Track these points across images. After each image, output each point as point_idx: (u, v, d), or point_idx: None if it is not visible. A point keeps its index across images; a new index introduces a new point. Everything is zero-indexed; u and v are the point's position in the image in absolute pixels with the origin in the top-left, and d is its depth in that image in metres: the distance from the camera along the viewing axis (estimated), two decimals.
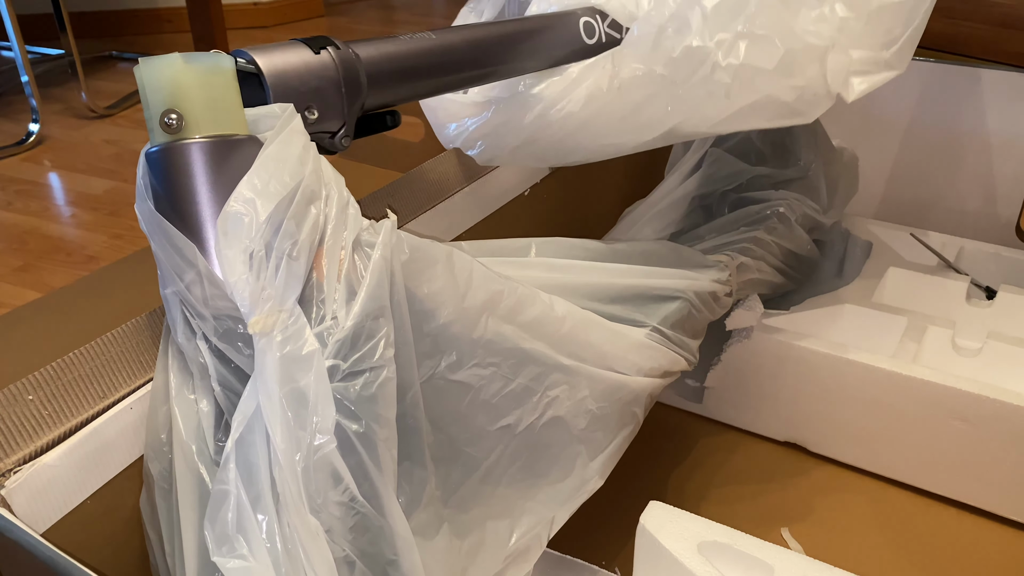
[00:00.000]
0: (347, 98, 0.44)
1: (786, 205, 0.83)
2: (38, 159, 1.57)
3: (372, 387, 0.39)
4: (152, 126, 0.39)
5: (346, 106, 0.44)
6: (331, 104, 0.44)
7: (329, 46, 0.44)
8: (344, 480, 0.38)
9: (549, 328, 0.51)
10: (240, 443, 0.37)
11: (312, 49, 0.43)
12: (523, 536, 0.52)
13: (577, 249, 0.60)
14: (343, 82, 0.44)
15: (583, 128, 0.60)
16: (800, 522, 0.73)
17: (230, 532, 0.36)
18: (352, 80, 0.44)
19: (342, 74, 0.44)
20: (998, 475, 0.72)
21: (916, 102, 1.01)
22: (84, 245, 1.27)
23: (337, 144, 0.45)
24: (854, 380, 0.74)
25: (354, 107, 0.45)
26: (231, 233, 0.37)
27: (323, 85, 0.43)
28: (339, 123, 0.44)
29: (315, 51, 0.43)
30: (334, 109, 0.44)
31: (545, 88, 0.59)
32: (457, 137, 0.65)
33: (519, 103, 0.60)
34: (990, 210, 1.01)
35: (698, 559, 0.53)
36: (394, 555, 0.41)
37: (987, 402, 0.69)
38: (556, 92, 0.58)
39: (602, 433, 0.56)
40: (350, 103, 0.44)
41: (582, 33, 0.58)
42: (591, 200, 0.91)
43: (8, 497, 0.39)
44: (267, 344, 0.37)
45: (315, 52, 0.43)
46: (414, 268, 0.43)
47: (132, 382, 0.44)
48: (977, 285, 0.91)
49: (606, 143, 0.61)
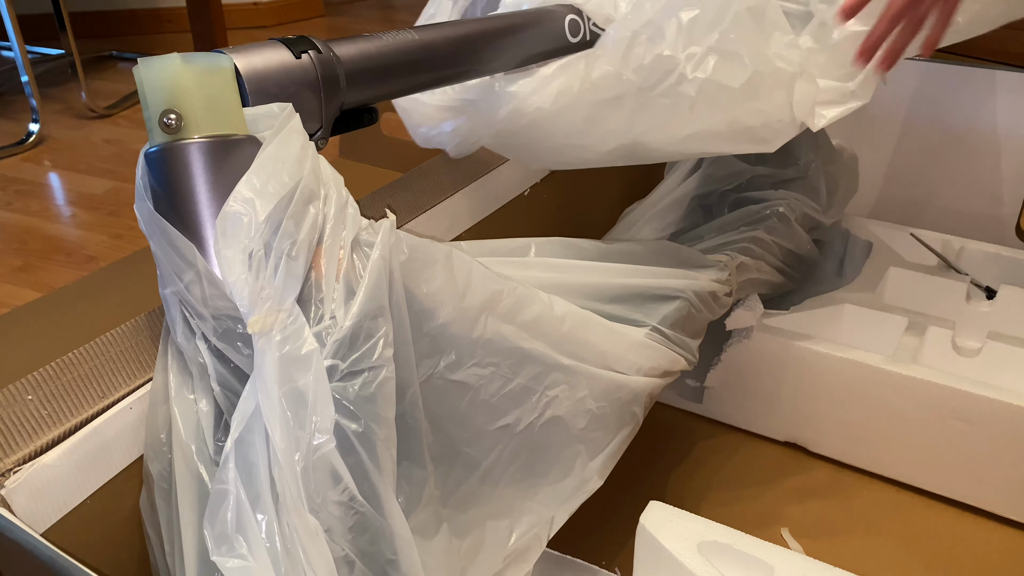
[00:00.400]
0: (325, 102, 0.44)
1: (786, 205, 0.83)
2: (38, 159, 1.57)
3: (371, 387, 0.39)
4: (151, 126, 0.39)
5: (324, 109, 0.44)
6: (309, 108, 0.43)
7: (310, 50, 0.43)
8: (343, 480, 0.38)
9: (548, 328, 0.51)
10: (239, 443, 0.37)
11: (293, 52, 0.43)
12: (523, 536, 0.52)
13: (577, 249, 0.60)
14: (322, 87, 0.44)
15: (551, 124, 0.60)
16: (800, 522, 0.73)
17: (229, 532, 0.36)
18: (331, 83, 0.44)
19: (321, 78, 0.43)
20: (998, 475, 0.72)
21: (916, 102, 1.01)
22: (84, 245, 1.27)
23: (314, 144, 0.45)
24: (854, 380, 0.74)
25: (331, 109, 0.45)
26: (230, 233, 0.37)
27: (302, 90, 0.43)
28: (316, 126, 0.44)
29: (296, 55, 0.43)
30: (312, 113, 0.44)
31: (520, 84, 0.59)
32: (433, 138, 0.65)
33: (493, 99, 0.60)
34: (990, 210, 1.01)
35: (698, 559, 0.53)
36: (393, 554, 0.41)
37: (987, 402, 0.69)
38: (530, 87, 0.59)
39: (602, 433, 0.56)
40: (328, 106, 0.44)
41: (567, 31, 0.58)
42: (591, 200, 0.91)
43: (8, 497, 0.39)
44: (266, 344, 0.37)
45: (296, 56, 0.43)
46: (413, 268, 0.43)
47: (132, 382, 0.44)
48: (977, 285, 0.91)
49: (572, 143, 0.62)
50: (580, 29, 0.59)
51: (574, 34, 0.59)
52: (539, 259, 0.57)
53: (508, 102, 0.59)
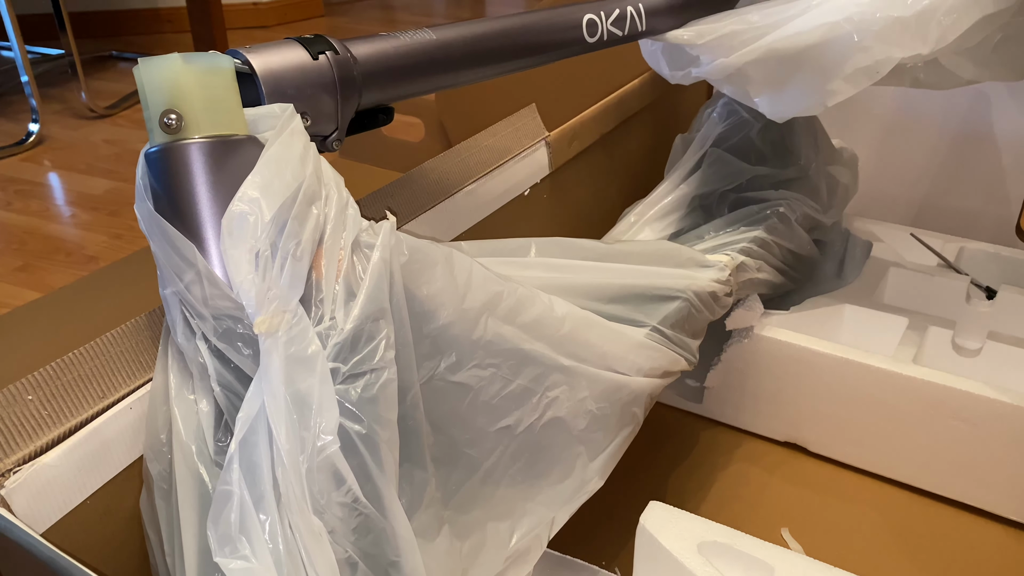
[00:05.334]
0: (342, 103, 0.44)
1: (786, 205, 0.83)
2: (38, 159, 1.57)
3: (373, 388, 0.39)
4: (151, 126, 0.39)
5: (340, 111, 0.44)
6: (325, 111, 0.43)
7: (328, 50, 0.43)
8: (347, 481, 0.38)
9: (549, 329, 0.51)
10: (244, 444, 0.37)
11: (310, 53, 0.43)
12: (523, 537, 0.52)
13: (577, 249, 0.60)
14: (339, 88, 0.43)
15: None
16: (800, 522, 0.73)
17: (233, 533, 0.36)
18: (348, 85, 0.44)
19: (338, 80, 0.43)
20: (998, 475, 0.72)
21: (916, 102, 1.01)
22: (84, 245, 1.28)
23: (328, 146, 0.45)
24: (854, 380, 0.74)
25: (348, 110, 0.45)
26: (237, 233, 0.37)
27: (318, 92, 0.43)
28: (332, 127, 0.44)
29: (313, 56, 0.43)
30: (328, 115, 0.44)
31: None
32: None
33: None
34: (990, 210, 1.01)
35: (698, 559, 0.53)
36: (396, 556, 0.41)
37: (987, 402, 0.69)
38: None
39: (602, 433, 0.56)
40: (344, 107, 0.44)
41: (584, 31, 0.58)
42: (591, 200, 0.91)
43: (8, 497, 0.39)
44: (272, 344, 0.37)
45: (313, 57, 0.43)
46: (413, 269, 0.43)
47: (132, 382, 0.44)
48: (977, 285, 0.91)
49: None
50: (598, 29, 0.59)
51: (591, 34, 0.59)
52: (539, 259, 0.57)
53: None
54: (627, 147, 0.95)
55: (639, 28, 0.63)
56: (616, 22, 0.61)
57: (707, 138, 0.91)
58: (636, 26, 0.63)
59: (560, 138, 0.80)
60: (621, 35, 0.61)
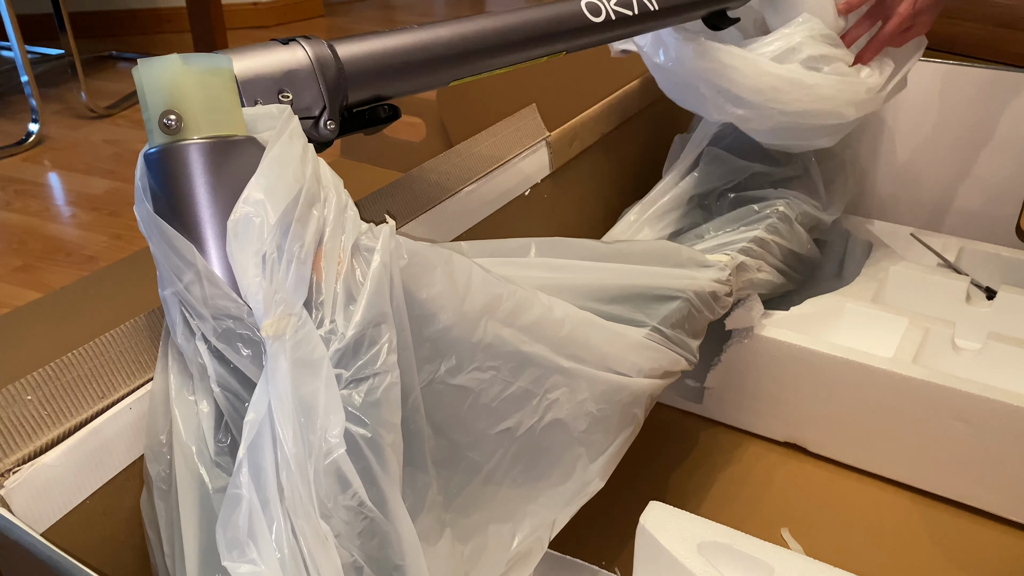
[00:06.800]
0: (322, 79, 0.44)
1: (786, 204, 0.83)
2: (38, 159, 1.57)
3: (377, 392, 0.39)
4: (151, 127, 0.39)
5: (322, 87, 0.44)
6: (304, 84, 0.43)
7: (299, 38, 0.44)
8: (353, 485, 0.38)
9: (548, 330, 0.51)
10: (252, 448, 0.37)
11: (280, 42, 0.44)
12: (525, 539, 0.52)
13: (577, 249, 0.60)
14: (315, 64, 0.44)
15: None
16: (800, 522, 0.73)
17: (242, 537, 0.36)
18: (324, 63, 0.44)
19: (313, 57, 0.44)
20: (998, 475, 0.72)
21: (916, 102, 1.01)
22: (84, 245, 1.27)
23: (323, 131, 0.44)
24: (854, 380, 0.74)
25: (333, 88, 0.45)
26: (243, 235, 0.37)
27: (293, 67, 0.43)
28: (319, 105, 0.44)
29: (283, 43, 0.44)
30: (309, 90, 0.44)
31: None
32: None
33: None
34: (990, 210, 1.01)
35: (698, 559, 0.53)
36: (400, 560, 0.40)
37: (987, 402, 0.69)
38: None
39: (602, 435, 0.56)
40: (326, 83, 0.44)
41: (586, 13, 0.58)
42: (591, 200, 0.91)
43: (8, 497, 0.39)
44: (279, 347, 0.37)
45: (283, 43, 0.44)
46: (413, 273, 0.43)
47: (131, 382, 0.44)
48: (977, 285, 0.90)
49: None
50: (601, 10, 0.59)
51: (595, 15, 0.59)
52: (539, 259, 0.57)
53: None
54: (627, 147, 0.95)
55: (651, 7, 0.63)
56: (623, 2, 0.60)
57: (704, 136, 0.91)
58: (646, 5, 0.63)
59: (561, 138, 0.80)
60: (630, 14, 0.61)
